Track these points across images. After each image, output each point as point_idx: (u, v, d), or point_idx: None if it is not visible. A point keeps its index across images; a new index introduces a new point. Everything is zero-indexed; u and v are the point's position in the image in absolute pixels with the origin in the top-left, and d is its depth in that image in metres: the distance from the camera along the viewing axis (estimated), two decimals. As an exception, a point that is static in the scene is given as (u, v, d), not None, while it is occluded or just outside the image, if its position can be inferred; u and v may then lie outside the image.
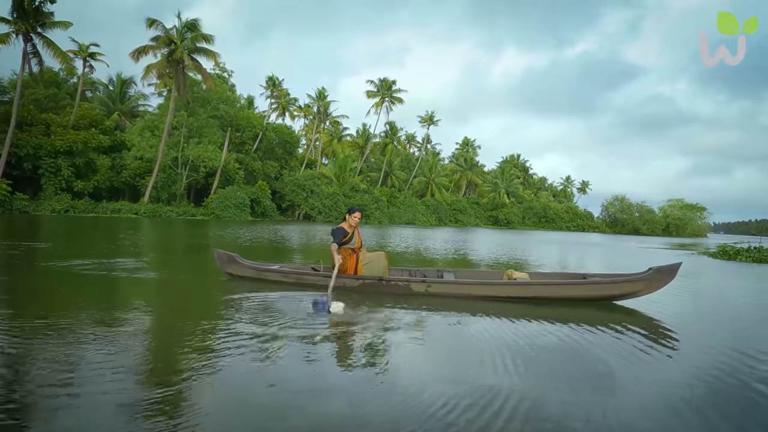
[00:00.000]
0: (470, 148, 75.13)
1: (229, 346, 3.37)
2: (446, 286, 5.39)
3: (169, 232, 17.90)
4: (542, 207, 70.22)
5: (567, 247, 21.53)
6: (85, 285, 5.83)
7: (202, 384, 2.70)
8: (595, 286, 5.23)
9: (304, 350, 3.39)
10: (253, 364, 3.05)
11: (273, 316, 4.33)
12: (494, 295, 5.33)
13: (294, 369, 3.02)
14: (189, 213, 35.14)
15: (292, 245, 14.28)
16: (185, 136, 36.89)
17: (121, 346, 3.29)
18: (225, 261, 6.21)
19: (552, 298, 5.25)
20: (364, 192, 49.32)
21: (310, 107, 53.64)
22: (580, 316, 4.79)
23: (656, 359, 3.56)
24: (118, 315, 4.17)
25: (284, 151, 48.07)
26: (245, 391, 2.66)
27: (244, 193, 37.82)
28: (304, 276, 5.83)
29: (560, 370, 3.19)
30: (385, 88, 54.60)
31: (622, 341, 3.96)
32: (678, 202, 73.90)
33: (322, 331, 3.91)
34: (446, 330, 4.22)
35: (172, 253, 11.09)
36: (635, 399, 2.75)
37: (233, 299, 5.01)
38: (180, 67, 33.24)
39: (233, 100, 42.40)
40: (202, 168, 36.56)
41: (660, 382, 3.05)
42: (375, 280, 5.48)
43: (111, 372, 2.80)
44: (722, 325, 5.11)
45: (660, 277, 5.16)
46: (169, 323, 4.21)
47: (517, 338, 3.92)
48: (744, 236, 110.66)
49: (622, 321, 4.66)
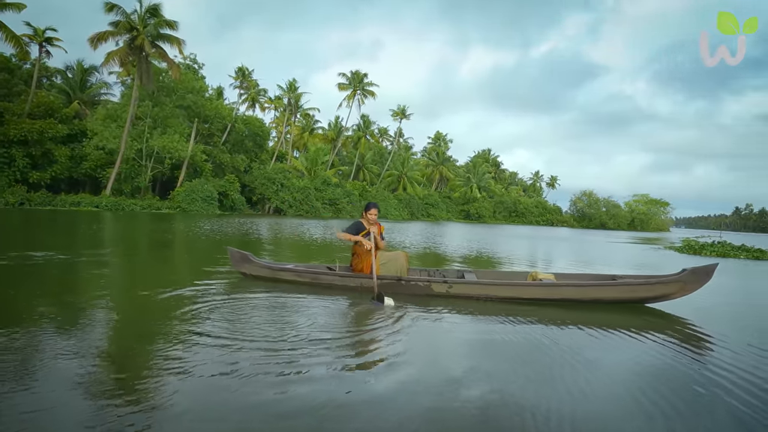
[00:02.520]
0: (442, 142, 75.40)
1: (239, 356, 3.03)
2: (469, 286, 5.12)
3: (130, 226, 17.12)
4: (513, 201, 71.21)
5: (537, 242, 21.70)
6: (34, 281, 5.32)
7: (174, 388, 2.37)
8: (625, 288, 4.95)
9: (324, 357, 3.10)
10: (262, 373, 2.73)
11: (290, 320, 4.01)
12: (519, 297, 5.04)
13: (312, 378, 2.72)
14: (154, 206, 33.93)
15: (263, 239, 13.82)
16: (150, 126, 35.58)
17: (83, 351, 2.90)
18: (238, 260, 5.91)
19: (580, 301, 4.98)
20: (336, 186, 48.80)
21: (281, 99, 52.65)
22: (618, 321, 4.45)
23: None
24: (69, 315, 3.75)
25: (254, 144, 47.06)
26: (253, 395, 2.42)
27: (212, 186, 36.79)
28: (319, 276, 5.54)
29: (622, 391, 2.74)
30: (356, 80, 54.09)
31: (685, 357, 3.47)
32: (643, 197, 76.24)
33: (353, 337, 3.64)
34: (479, 336, 3.86)
35: (135, 247, 10.51)
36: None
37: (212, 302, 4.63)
38: (143, 54, 31.98)
39: (201, 90, 41.11)
40: (167, 160, 35.33)
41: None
42: (394, 280, 5.22)
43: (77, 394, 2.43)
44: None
45: (695, 278, 4.87)
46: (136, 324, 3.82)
47: (555, 346, 3.57)
48: (704, 230, 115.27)
49: (666, 328, 4.29)
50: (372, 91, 54.57)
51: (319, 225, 25.12)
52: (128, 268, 7.11)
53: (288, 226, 21.63)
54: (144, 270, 7.03)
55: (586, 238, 29.19)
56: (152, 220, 22.13)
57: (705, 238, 28.11)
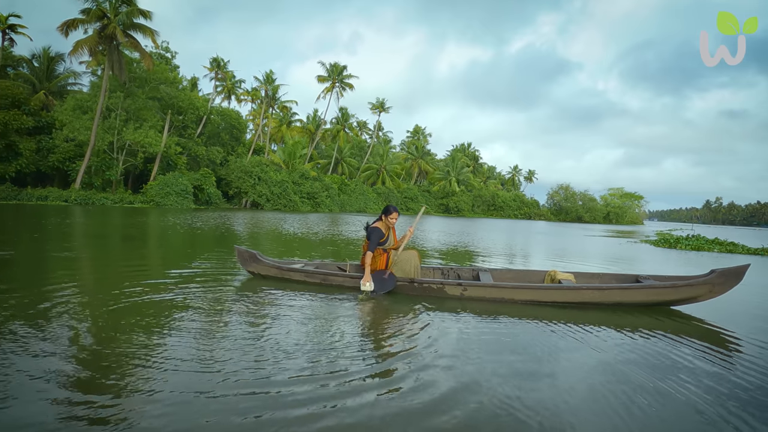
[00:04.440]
0: (421, 135, 75.46)
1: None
2: (485, 289, 4.93)
3: (102, 221, 16.53)
4: (491, 195, 71.79)
5: (514, 236, 21.81)
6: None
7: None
8: (651, 291, 4.74)
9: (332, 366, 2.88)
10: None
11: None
12: (538, 300, 4.83)
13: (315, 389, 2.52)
14: (126, 200, 32.99)
15: (241, 233, 13.49)
16: (122, 118, 34.54)
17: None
18: (246, 259, 5.72)
19: (603, 304, 4.80)
20: (315, 179, 48.35)
21: (258, 91, 51.77)
22: (644, 324, 4.26)
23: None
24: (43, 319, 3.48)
25: (230, 137, 46.23)
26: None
27: (186, 180, 35.98)
28: (330, 276, 5.38)
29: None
30: (335, 72, 53.58)
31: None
32: (618, 191, 77.76)
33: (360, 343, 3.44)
34: (499, 338, 3.66)
35: (115, 242, 10.10)
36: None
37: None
38: (114, 44, 30.96)
39: (174, 81, 40.07)
40: (140, 152, 34.42)
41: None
42: (406, 281, 5.07)
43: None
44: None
45: (724, 280, 4.65)
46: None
47: (583, 351, 3.37)
48: (677, 223, 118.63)
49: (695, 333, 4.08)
50: (350, 84, 54.18)
51: (297, 219, 24.79)
52: (105, 264, 6.78)
53: (267, 221, 21.25)
54: (121, 266, 6.71)
55: (563, 231, 29.53)
56: (125, 214, 21.48)
57: (678, 231, 28.78)
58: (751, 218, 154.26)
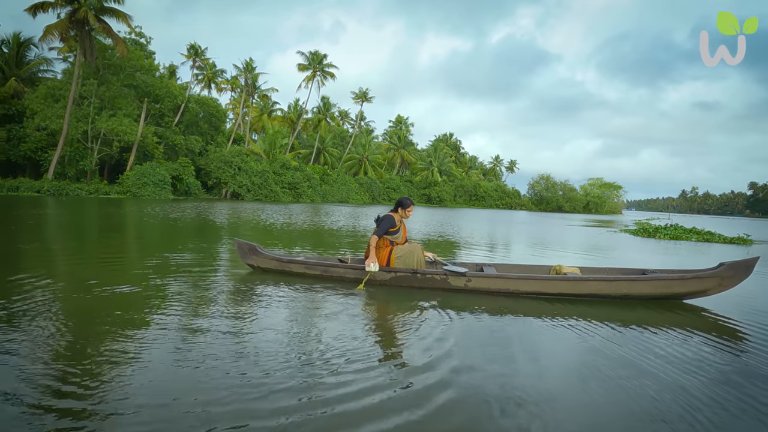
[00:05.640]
0: (403, 125, 75.22)
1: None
2: (489, 280, 4.84)
3: (73, 212, 16.06)
4: (473, 185, 72.14)
5: (496, 225, 21.94)
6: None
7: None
8: (659, 283, 4.66)
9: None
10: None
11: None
12: (543, 292, 4.77)
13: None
14: (101, 191, 32.18)
15: (222, 224, 13.24)
16: (96, 106, 33.57)
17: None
18: (246, 252, 5.57)
19: (609, 296, 4.73)
20: (296, 169, 47.87)
21: (237, 79, 50.81)
22: (652, 318, 4.14)
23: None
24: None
25: (209, 126, 45.37)
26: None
27: (164, 170, 35.23)
28: (330, 268, 5.27)
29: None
30: (316, 61, 52.89)
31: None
32: (597, 181, 78.82)
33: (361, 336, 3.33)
34: (506, 333, 3.56)
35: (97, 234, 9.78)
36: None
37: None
38: (86, 29, 29.96)
39: (151, 69, 39.03)
40: (115, 142, 33.54)
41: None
42: (409, 272, 4.96)
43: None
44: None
45: (733, 273, 4.56)
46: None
47: (592, 346, 3.26)
48: (654, 212, 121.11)
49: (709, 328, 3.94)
50: (332, 73, 53.57)
51: (279, 210, 24.51)
52: (80, 256, 6.53)
53: (247, 211, 20.95)
54: (97, 259, 6.48)
55: (544, 221, 29.78)
56: (100, 205, 20.94)
57: (656, 221, 29.27)
58: (725, 207, 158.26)
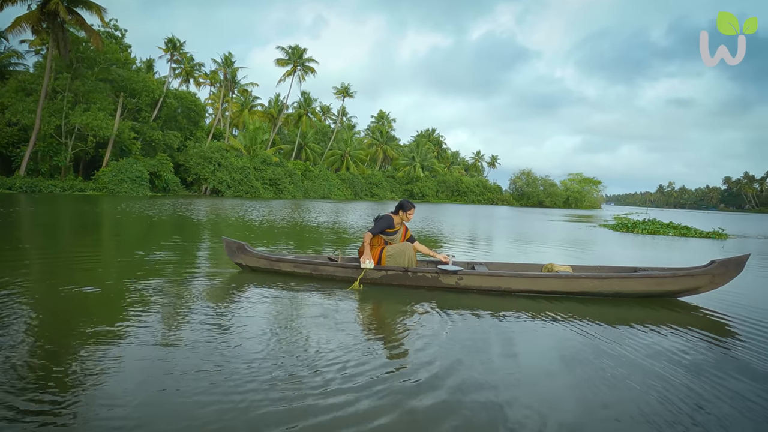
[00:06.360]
0: (386, 121, 75.03)
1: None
2: (481, 278, 4.82)
3: (46, 210, 15.62)
4: (455, 181, 72.42)
5: (478, 220, 22.05)
6: None
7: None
8: (651, 281, 4.68)
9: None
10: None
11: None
12: (535, 290, 4.75)
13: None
14: (76, 188, 31.45)
15: (199, 221, 13.01)
16: (70, 100, 32.71)
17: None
18: (234, 250, 5.46)
19: (601, 294, 4.74)
20: (277, 165, 47.44)
21: (217, 74, 50.01)
22: (644, 315, 4.14)
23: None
24: None
25: (188, 121, 44.60)
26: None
27: (142, 166, 34.55)
28: (320, 267, 5.20)
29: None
30: (296, 56, 52.35)
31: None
32: (577, 176, 79.82)
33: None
34: (499, 332, 3.50)
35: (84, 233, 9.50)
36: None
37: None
38: (58, 21, 29.12)
39: (127, 62, 38.15)
40: (90, 137, 32.74)
41: None
42: (400, 271, 4.92)
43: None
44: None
45: (725, 270, 4.60)
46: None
47: (583, 344, 3.24)
48: (632, 207, 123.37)
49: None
50: (312, 68, 53.10)
51: (260, 206, 24.24)
52: (53, 255, 6.32)
53: (228, 208, 20.66)
54: (71, 257, 6.28)
55: (525, 216, 30.02)
56: (75, 202, 20.43)
57: (634, 215, 29.76)
58: (701, 202, 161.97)
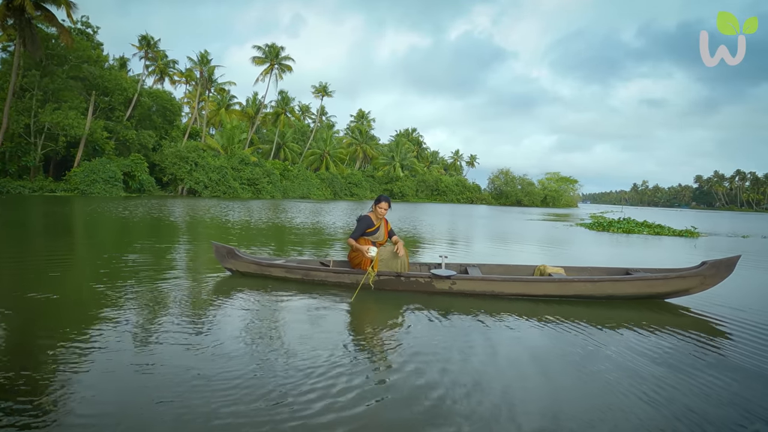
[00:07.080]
0: (365, 120, 74.91)
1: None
2: (473, 282, 4.80)
3: (13, 211, 15.14)
4: (434, 180, 72.74)
5: (457, 219, 22.20)
6: None
7: None
8: (642, 283, 4.71)
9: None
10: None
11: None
12: (529, 294, 4.75)
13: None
14: (46, 188, 30.60)
15: (177, 222, 12.77)
16: (39, 99, 31.77)
17: None
18: (224, 255, 5.38)
19: (594, 297, 4.74)
20: (255, 165, 46.93)
21: (192, 72, 49.16)
22: (636, 317, 4.16)
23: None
24: None
25: (163, 120, 43.80)
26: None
27: (115, 166, 33.76)
28: (312, 272, 5.12)
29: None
30: (273, 54, 51.80)
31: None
32: (554, 175, 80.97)
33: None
34: (490, 337, 3.46)
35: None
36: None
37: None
38: (25, 17, 28.22)
39: (99, 60, 37.21)
40: (61, 137, 31.85)
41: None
42: (392, 276, 4.87)
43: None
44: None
45: (716, 272, 4.64)
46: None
47: (577, 348, 3.24)
48: (608, 205, 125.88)
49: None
50: (289, 66, 52.56)
51: (238, 206, 23.94)
52: (21, 259, 6.11)
53: (204, 208, 20.35)
54: (42, 261, 6.08)
55: (504, 215, 30.30)
56: (45, 203, 19.87)
57: (610, 214, 30.33)
58: (673, 200, 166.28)
